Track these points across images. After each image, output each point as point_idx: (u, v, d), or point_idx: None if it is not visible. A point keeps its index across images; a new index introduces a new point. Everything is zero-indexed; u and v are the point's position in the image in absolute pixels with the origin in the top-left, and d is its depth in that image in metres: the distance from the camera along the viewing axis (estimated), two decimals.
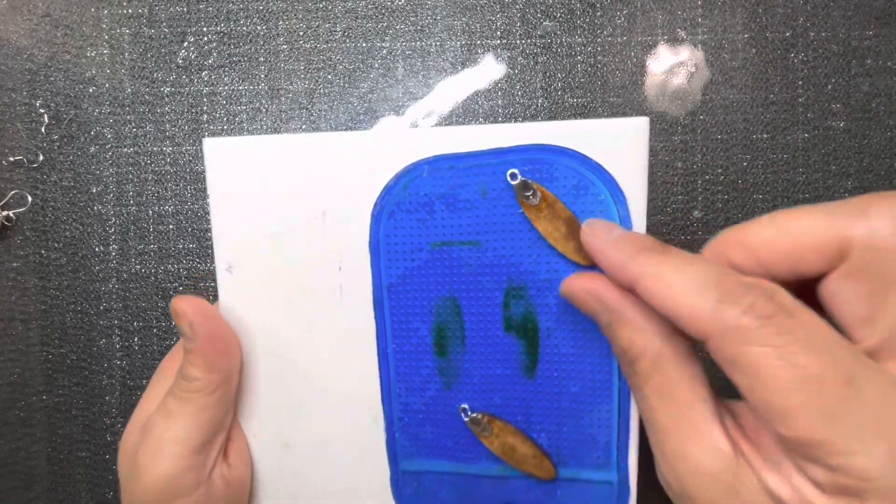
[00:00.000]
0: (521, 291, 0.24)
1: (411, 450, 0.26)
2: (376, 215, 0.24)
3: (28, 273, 0.35)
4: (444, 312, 0.24)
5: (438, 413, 0.25)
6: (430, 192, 0.24)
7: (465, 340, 0.24)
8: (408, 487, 0.26)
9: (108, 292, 0.35)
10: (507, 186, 0.23)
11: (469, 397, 0.25)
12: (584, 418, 0.24)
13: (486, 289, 0.24)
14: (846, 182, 0.34)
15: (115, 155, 0.35)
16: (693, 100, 0.34)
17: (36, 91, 0.35)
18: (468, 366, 0.25)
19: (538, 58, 0.34)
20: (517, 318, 0.24)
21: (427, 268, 0.24)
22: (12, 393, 0.35)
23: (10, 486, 0.35)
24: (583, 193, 0.22)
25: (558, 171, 0.23)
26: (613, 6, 0.34)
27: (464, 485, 0.25)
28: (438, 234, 0.24)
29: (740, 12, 0.34)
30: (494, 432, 0.25)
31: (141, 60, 0.35)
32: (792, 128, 0.34)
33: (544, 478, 0.25)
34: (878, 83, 0.34)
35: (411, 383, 0.25)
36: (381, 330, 0.25)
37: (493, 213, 0.23)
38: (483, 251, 0.24)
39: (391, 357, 0.25)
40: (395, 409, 0.25)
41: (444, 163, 0.23)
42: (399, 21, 0.35)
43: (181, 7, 0.35)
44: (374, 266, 0.25)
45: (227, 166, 0.25)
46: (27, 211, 0.35)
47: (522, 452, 0.24)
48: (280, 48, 0.35)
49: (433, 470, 0.26)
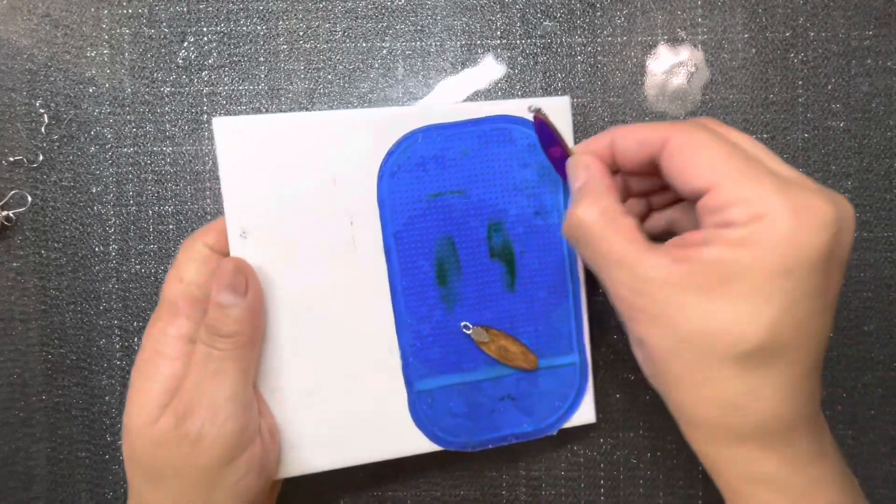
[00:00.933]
0: (499, 226, 0.30)
1: (423, 371, 0.30)
2: (381, 176, 0.30)
3: (28, 273, 0.35)
4: (443, 249, 0.30)
5: (444, 334, 0.31)
6: (424, 154, 0.30)
7: (461, 270, 0.30)
8: (423, 405, 0.31)
9: (108, 292, 0.35)
10: (481, 146, 0.30)
11: (467, 315, 0.31)
12: (552, 316, 0.31)
13: (472, 227, 0.30)
14: (846, 182, 0.34)
15: (115, 155, 0.35)
16: (693, 100, 0.34)
17: (36, 91, 0.35)
18: (465, 290, 0.31)
19: (538, 58, 0.34)
20: (498, 246, 0.31)
21: (426, 215, 0.30)
22: (12, 393, 0.35)
23: (10, 486, 0.35)
24: (534, 149, 0.30)
25: (515, 133, 0.30)
26: (613, 6, 0.34)
27: (468, 391, 0.31)
28: (432, 187, 0.30)
29: (740, 12, 0.34)
30: (492, 338, 0.31)
31: (141, 60, 0.35)
32: (792, 128, 0.34)
33: (530, 369, 0.31)
34: (878, 83, 0.34)
35: (420, 313, 0.30)
36: (392, 271, 0.30)
37: (474, 168, 0.30)
38: (468, 197, 0.30)
39: (401, 293, 0.30)
40: (407, 338, 0.30)
41: (434, 131, 0.30)
42: (399, 21, 0.35)
43: (181, 7, 0.35)
44: (382, 218, 0.30)
45: (237, 143, 0.29)
46: (27, 211, 0.35)
47: (513, 351, 0.31)
48: (280, 48, 0.35)
49: (443, 385, 0.31)
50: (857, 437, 0.35)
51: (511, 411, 0.31)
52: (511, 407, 0.31)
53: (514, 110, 0.30)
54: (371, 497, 0.35)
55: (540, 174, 0.31)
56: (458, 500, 0.35)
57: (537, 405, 0.31)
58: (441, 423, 0.31)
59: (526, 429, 0.31)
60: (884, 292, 0.34)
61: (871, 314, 0.34)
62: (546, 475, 0.35)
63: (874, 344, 0.34)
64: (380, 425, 0.30)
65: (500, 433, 0.31)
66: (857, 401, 0.35)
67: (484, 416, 0.31)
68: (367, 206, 0.30)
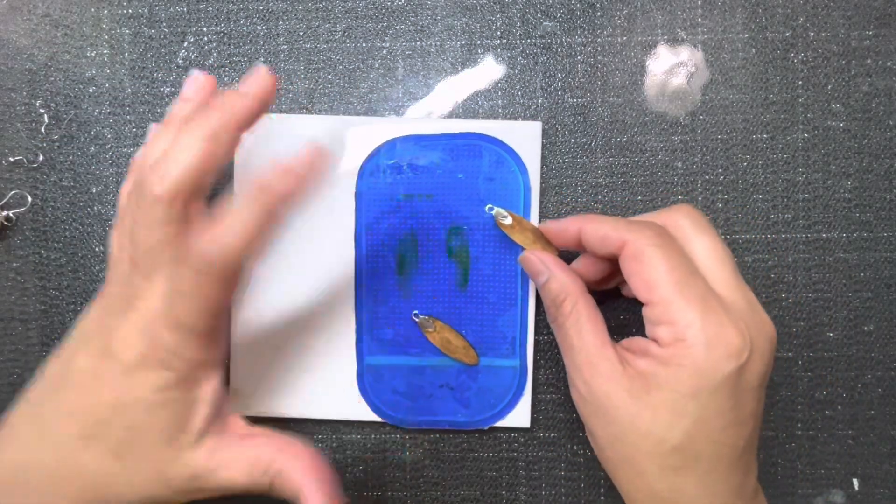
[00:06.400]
0: (459, 230, 0.34)
1: (374, 348, 0.34)
2: (361, 174, 0.33)
3: (28, 273, 0.35)
4: (406, 244, 0.34)
5: (396, 319, 0.34)
6: (400, 159, 0.33)
7: (419, 263, 0.34)
8: (370, 378, 0.34)
9: None
10: (452, 159, 0.33)
11: (419, 305, 0.34)
12: (498, 320, 0.34)
13: (435, 228, 0.34)
14: (846, 182, 0.34)
15: (115, 155, 0.35)
16: (693, 100, 0.34)
17: (36, 91, 0.35)
18: (420, 282, 0.34)
19: (538, 58, 0.34)
20: (455, 248, 0.34)
21: (396, 212, 0.34)
22: (12, 393, 0.35)
23: None
24: (500, 166, 0.33)
25: (484, 150, 0.33)
26: (613, 6, 0.34)
27: (411, 374, 0.34)
28: (405, 188, 0.33)
29: (740, 12, 0.34)
30: (437, 329, 0.33)
31: (141, 60, 0.35)
32: (792, 128, 0.34)
33: (470, 364, 0.34)
34: (877, 83, 0.34)
35: (377, 296, 0.34)
36: (359, 256, 0.34)
37: (442, 177, 0.33)
38: (435, 201, 0.33)
39: (364, 276, 0.34)
40: (363, 316, 0.34)
41: (411, 141, 0.33)
42: (399, 21, 0.35)
43: (181, 7, 0.35)
44: (357, 210, 0.34)
45: (252, 139, 0.31)
46: (27, 211, 0.35)
47: (455, 345, 0.34)
48: (280, 48, 0.35)
49: (389, 363, 0.34)
50: (856, 437, 0.35)
51: (448, 400, 0.34)
52: (449, 396, 0.34)
53: (486, 129, 0.33)
54: (371, 497, 0.35)
55: (503, 188, 0.33)
56: (458, 500, 0.35)
57: (474, 399, 0.34)
58: (383, 396, 0.34)
59: (460, 419, 0.34)
60: (884, 292, 0.34)
61: (871, 314, 0.34)
62: (546, 475, 0.35)
63: (874, 344, 0.34)
64: (329, 388, 0.34)
65: (435, 417, 0.34)
66: (857, 401, 0.35)
67: (423, 398, 0.34)
68: (346, 199, 0.34)
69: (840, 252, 0.34)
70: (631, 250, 0.26)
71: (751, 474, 0.27)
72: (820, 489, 0.35)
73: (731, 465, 0.26)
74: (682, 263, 0.26)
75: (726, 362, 0.25)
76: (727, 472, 0.26)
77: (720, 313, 0.25)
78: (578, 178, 0.34)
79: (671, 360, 0.25)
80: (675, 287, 0.25)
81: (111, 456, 0.26)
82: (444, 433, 0.35)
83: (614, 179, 0.34)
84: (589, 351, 0.27)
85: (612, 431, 0.26)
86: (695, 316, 0.25)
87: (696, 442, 0.25)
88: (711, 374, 0.25)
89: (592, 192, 0.34)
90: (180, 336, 0.26)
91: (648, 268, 0.26)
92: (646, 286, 0.26)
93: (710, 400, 0.25)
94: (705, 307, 0.25)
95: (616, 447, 0.26)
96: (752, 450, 0.27)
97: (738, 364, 0.25)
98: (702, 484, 0.25)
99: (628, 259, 0.27)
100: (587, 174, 0.34)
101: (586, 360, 0.27)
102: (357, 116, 0.34)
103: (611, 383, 0.26)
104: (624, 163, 0.34)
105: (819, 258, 0.34)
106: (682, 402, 0.25)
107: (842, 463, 0.35)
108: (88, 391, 0.26)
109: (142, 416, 0.26)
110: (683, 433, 0.25)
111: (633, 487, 0.27)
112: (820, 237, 0.34)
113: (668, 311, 0.25)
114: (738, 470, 0.26)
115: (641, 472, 0.26)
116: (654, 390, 0.25)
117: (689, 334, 0.25)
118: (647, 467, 0.26)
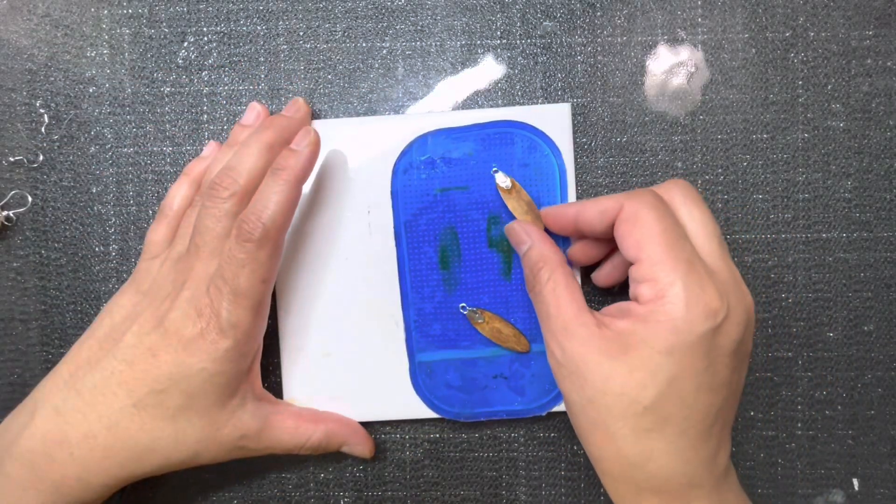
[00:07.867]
0: (497, 219, 0.33)
1: (424, 344, 0.34)
2: (395, 172, 0.33)
3: (28, 273, 0.35)
4: (446, 238, 0.34)
5: (443, 313, 0.34)
6: (433, 153, 0.33)
7: (462, 256, 0.34)
8: (422, 375, 0.34)
9: (108, 292, 0.35)
10: (485, 148, 0.33)
11: (465, 298, 0.34)
12: None
13: (474, 219, 0.34)
14: (846, 182, 0.34)
15: (115, 155, 0.35)
16: (693, 100, 0.34)
17: (36, 91, 0.35)
18: (464, 275, 0.34)
19: (538, 58, 0.34)
20: (496, 238, 0.34)
21: (432, 207, 0.34)
22: (12, 393, 0.35)
23: None
24: (533, 150, 0.33)
25: (516, 137, 0.33)
26: (613, 6, 0.34)
27: (464, 367, 0.34)
28: (440, 182, 0.33)
29: (740, 12, 0.34)
30: (486, 320, 0.33)
31: (141, 60, 0.35)
32: (792, 128, 0.34)
33: (522, 351, 0.34)
34: (877, 83, 0.34)
35: (423, 292, 0.34)
36: (401, 255, 0.34)
37: (476, 167, 0.33)
38: (471, 193, 0.33)
39: (408, 274, 0.34)
40: (411, 314, 0.34)
41: (443, 134, 0.33)
42: (399, 21, 0.35)
43: (181, 7, 0.35)
44: (394, 208, 0.34)
45: None
46: (27, 211, 0.35)
47: (506, 333, 0.33)
48: (280, 48, 0.35)
49: (441, 358, 0.34)
50: (857, 437, 0.35)
51: (503, 389, 0.34)
52: (503, 385, 0.34)
53: (516, 116, 0.33)
54: (371, 497, 0.35)
55: (538, 173, 0.33)
56: (458, 500, 0.35)
57: (528, 387, 0.34)
58: (438, 392, 0.34)
59: (516, 407, 0.34)
60: (884, 292, 0.34)
61: (871, 314, 0.34)
62: (546, 475, 0.35)
63: (874, 344, 0.34)
64: (383, 389, 0.34)
65: (491, 408, 0.34)
66: (857, 401, 0.35)
67: (477, 390, 0.34)
68: (382, 198, 0.34)
69: (840, 252, 0.34)
70: (627, 213, 0.27)
71: (722, 451, 0.27)
72: (820, 489, 0.35)
73: (702, 434, 0.26)
74: (673, 227, 0.26)
75: (703, 321, 0.25)
76: (697, 440, 0.26)
77: (703, 276, 0.26)
78: (578, 178, 0.34)
79: (650, 316, 0.26)
80: (663, 247, 0.26)
81: (165, 420, 0.29)
82: (444, 433, 0.35)
83: (614, 179, 0.34)
84: (565, 317, 0.27)
85: (586, 394, 0.26)
86: (678, 276, 0.25)
87: (668, 402, 0.25)
88: (687, 332, 0.25)
89: (592, 192, 0.34)
90: (238, 306, 0.28)
91: (641, 228, 0.26)
92: (636, 245, 0.26)
93: (683, 357, 0.25)
94: (689, 269, 0.26)
95: (588, 411, 0.26)
96: (725, 425, 0.27)
97: (713, 324, 0.25)
98: (671, 449, 0.26)
99: (623, 221, 0.27)
100: (587, 174, 0.34)
101: (562, 326, 0.27)
102: (387, 116, 0.34)
103: (586, 346, 0.26)
104: (624, 163, 0.34)
105: (819, 258, 0.34)
106: (656, 358, 0.25)
107: (842, 463, 0.35)
108: (141, 365, 0.28)
109: (199, 384, 0.28)
110: (656, 392, 0.25)
111: (603, 453, 0.27)
112: (820, 237, 0.34)
113: (653, 269, 0.26)
114: (708, 442, 0.26)
115: (612, 434, 0.26)
116: (631, 349, 0.26)
117: (670, 292, 0.25)
118: (619, 430, 0.26)
